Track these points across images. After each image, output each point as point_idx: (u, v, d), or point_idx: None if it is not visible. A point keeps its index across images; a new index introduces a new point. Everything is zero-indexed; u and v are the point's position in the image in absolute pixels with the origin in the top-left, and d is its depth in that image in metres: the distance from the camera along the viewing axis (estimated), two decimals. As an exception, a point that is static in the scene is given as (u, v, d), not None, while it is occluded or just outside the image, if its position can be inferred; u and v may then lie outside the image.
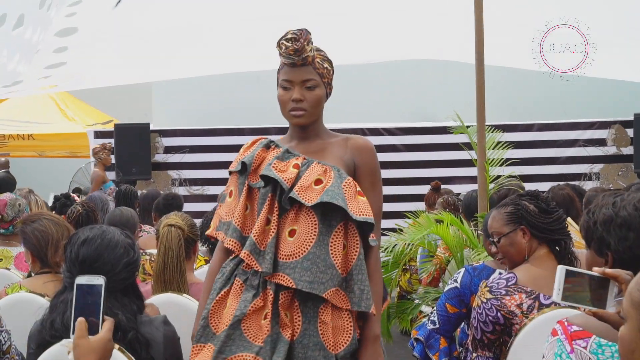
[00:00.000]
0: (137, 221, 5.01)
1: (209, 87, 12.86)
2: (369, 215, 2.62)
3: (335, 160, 2.75)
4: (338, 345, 2.58)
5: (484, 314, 2.98)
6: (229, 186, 2.82)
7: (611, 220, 2.15)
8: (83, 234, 2.46)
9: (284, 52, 2.70)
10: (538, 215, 3.12)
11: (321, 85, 2.75)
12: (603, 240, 2.16)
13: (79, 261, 2.41)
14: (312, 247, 2.59)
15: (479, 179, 5.28)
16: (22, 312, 3.10)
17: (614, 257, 2.14)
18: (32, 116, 12.22)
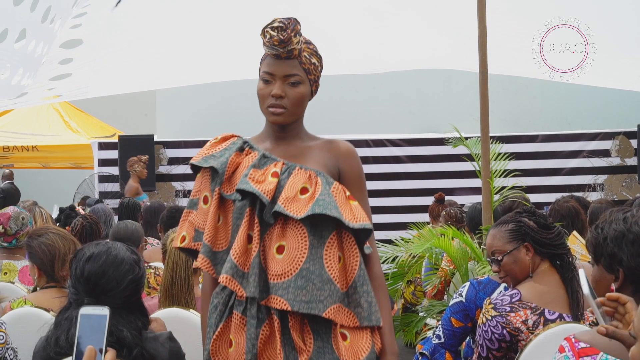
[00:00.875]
0: (142, 234, 5.00)
1: (213, 99, 12.88)
2: (365, 221, 2.39)
3: (318, 165, 2.49)
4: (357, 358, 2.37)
5: (489, 331, 2.96)
6: (201, 190, 2.52)
7: (623, 236, 2.15)
8: (88, 250, 2.46)
9: (268, 41, 2.44)
10: (540, 231, 3.11)
11: (306, 81, 2.49)
12: (614, 256, 2.15)
13: (84, 278, 2.41)
14: (305, 263, 2.35)
15: (484, 191, 5.28)
16: (27, 327, 3.09)
17: (626, 273, 2.14)
18: (36, 128, 12.26)
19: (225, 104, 12.94)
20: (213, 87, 12.38)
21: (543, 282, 3.05)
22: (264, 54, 2.52)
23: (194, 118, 12.93)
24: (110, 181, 10.58)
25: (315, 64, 2.51)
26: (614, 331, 1.86)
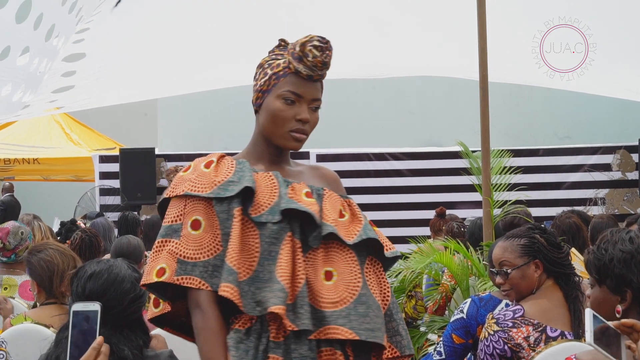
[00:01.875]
0: (143, 250, 5.00)
1: (214, 112, 12.90)
2: (394, 249, 2.28)
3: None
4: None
5: (491, 346, 2.96)
6: (185, 214, 2.21)
7: (632, 257, 2.14)
8: (90, 268, 2.46)
9: (311, 61, 2.23)
10: (551, 250, 3.11)
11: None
12: (623, 278, 2.14)
13: (85, 296, 2.40)
14: (362, 289, 2.17)
15: (484, 206, 5.27)
16: (27, 343, 3.09)
17: (634, 294, 2.13)
18: (37, 141, 12.27)
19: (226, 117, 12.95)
20: (214, 100, 12.40)
21: (546, 299, 3.04)
22: (282, 68, 2.29)
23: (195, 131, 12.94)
24: (111, 194, 10.59)
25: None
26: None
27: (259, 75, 2.33)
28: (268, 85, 2.29)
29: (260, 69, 2.34)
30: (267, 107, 2.30)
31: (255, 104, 2.35)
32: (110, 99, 9.36)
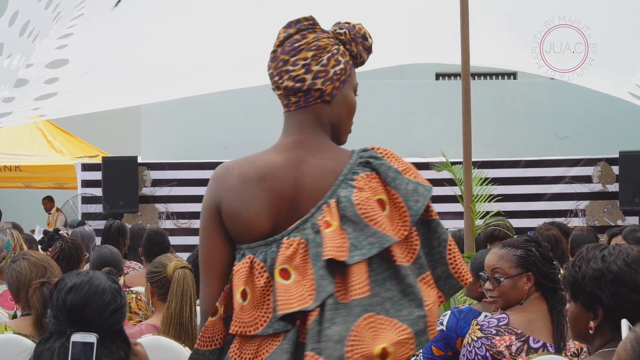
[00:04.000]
0: (119, 260, 4.97)
1: (197, 121, 12.89)
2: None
3: None
4: None
5: (473, 352, 2.99)
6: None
7: (602, 276, 2.16)
8: (70, 281, 2.45)
9: (370, 46, 2.16)
10: (545, 264, 3.14)
11: None
12: (594, 295, 2.17)
13: (66, 308, 2.40)
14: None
15: (466, 217, 5.31)
16: (7, 354, 3.08)
17: (605, 312, 2.16)
18: (19, 148, 12.23)
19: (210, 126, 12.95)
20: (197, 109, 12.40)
21: (532, 311, 3.08)
22: (349, 58, 2.15)
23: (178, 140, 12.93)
24: (93, 202, 10.55)
25: None
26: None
27: (327, 61, 2.11)
28: (345, 75, 2.14)
29: (327, 53, 2.12)
30: (345, 98, 2.16)
31: (330, 93, 2.13)
32: (93, 106, 9.34)
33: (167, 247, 5.64)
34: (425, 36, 7.82)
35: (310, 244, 2.00)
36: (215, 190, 2.09)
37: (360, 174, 2.07)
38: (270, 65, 2.13)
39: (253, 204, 2.05)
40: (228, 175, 2.08)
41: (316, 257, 1.98)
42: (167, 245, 5.74)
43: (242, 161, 2.12)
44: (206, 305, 2.09)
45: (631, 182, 9.80)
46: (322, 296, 1.94)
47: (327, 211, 2.02)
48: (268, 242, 2.04)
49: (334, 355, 1.91)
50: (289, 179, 2.07)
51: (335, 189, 2.05)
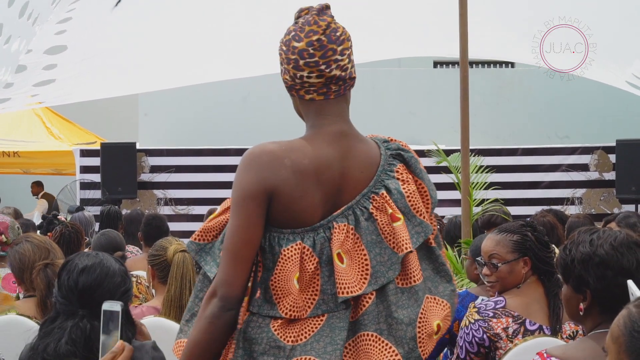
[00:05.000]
0: (124, 244, 5.02)
1: (195, 107, 12.91)
2: (192, 238, 2.25)
3: None
4: None
5: (470, 334, 3.04)
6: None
7: (589, 259, 2.20)
8: (81, 262, 2.48)
9: None
10: (541, 249, 3.18)
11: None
12: (582, 278, 2.21)
13: (78, 289, 2.44)
14: None
15: (463, 204, 5.35)
16: (11, 335, 3.12)
17: (593, 294, 2.20)
18: (18, 134, 12.23)
19: (208, 112, 12.98)
20: (195, 96, 12.42)
21: (528, 294, 3.12)
22: None
23: (175, 127, 12.95)
24: (91, 188, 10.58)
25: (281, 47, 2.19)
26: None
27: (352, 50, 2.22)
28: None
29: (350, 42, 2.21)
30: None
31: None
32: (92, 94, 9.35)
33: (166, 232, 5.68)
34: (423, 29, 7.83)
35: (362, 231, 2.10)
36: (266, 178, 2.06)
37: (397, 166, 2.19)
38: (315, 54, 2.11)
39: (311, 195, 2.09)
40: (279, 164, 2.07)
41: (372, 244, 2.10)
42: (165, 229, 5.78)
43: (286, 148, 2.11)
44: (232, 290, 2.05)
45: (628, 170, 9.85)
46: (382, 281, 2.09)
47: (382, 202, 2.13)
48: (315, 228, 2.09)
49: (407, 336, 2.09)
50: (339, 169, 2.13)
51: (379, 179, 2.15)
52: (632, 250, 2.21)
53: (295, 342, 2.06)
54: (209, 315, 2.05)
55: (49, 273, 3.33)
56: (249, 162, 2.08)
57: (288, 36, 2.15)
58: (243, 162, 2.09)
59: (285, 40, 2.15)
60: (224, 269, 2.05)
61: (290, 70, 2.14)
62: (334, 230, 2.08)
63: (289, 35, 2.14)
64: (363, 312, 2.08)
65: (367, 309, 2.08)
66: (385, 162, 2.18)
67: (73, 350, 2.37)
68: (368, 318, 2.08)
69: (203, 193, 10.16)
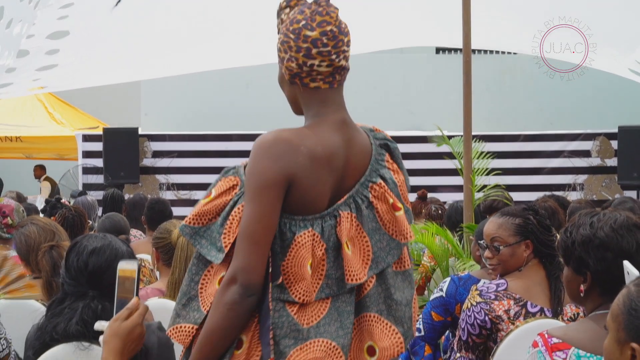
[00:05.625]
0: (128, 227, 5.05)
1: (198, 93, 12.92)
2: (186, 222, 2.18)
3: None
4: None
5: (472, 316, 3.06)
6: None
7: (589, 241, 2.22)
8: (90, 244, 2.51)
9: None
10: (543, 232, 3.20)
11: (280, 64, 2.23)
12: (582, 260, 2.23)
13: (88, 271, 2.46)
14: None
15: (465, 189, 5.36)
16: (16, 316, 3.15)
17: (593, 276, 2.22)
18: (20, 119, 12.25)
19: (210, 98, 12.98)
20: (197, 81, 12.42)
21: (530, 277, 3.15)
22: None
23: (178, 112, 12.96)
24: (94, 173, 10.61)
25: (280, 38, 2.20)
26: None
27: None
28: None
29: None
30: None
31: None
32: (94, 80, 9.36)
33: (169, 216, 5.70)
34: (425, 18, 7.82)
35: (363, 219, 2.17)
36: (286, 164, 2.09)
37: (386, 155, 2.26)
38: (329, 43, 2.15)
39: (323, 182, 2.13)
40: (296, 151, 2.10)
41: (372, 232, 2.18)
42: (169, 213, 5.80)
43: (300, 135, 2.14)
44: (254, 276, 2.07)
45: (630, 156, 9.86)
46: (382, 266, 2.19)
47: (382, 191, 2.20)
48: (323, 215, 2.14)
49: (405, 316, 2.21)
50: (344, 157, 2.18)
51: (374, 168, 2.22)
52: (631, 232, 2.23)
53: (309, 325, 2.12)
54: (229, 302, 2.06)
55: (54, 255, 3.35)
56: (266, 149, 2.10)
57: (297, 25, 2.16)
58: (260, 149, 2.10)
59: (293, 29, 2.16)
60: (245, 256, 2.07)
61: (300, 58, 2.15)
62: (340, 219, 2.14)
63: (299, 24, 2.16)
64: (365, 294, 2.17)
65: (369, 291, 2.17)
66: (376, 151, 2.24)
67: (83, 331, 2.40)
68: (370, 300, 2.17)
69: (205, 178, 10.17)
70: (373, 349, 2.18)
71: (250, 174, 2.10)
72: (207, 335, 2.09)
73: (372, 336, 2.17)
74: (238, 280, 2.06)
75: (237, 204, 2.13)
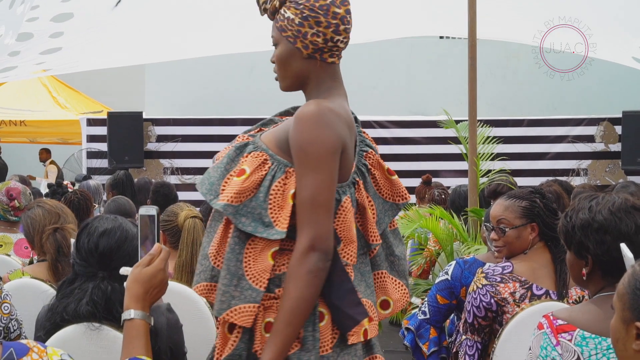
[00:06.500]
0: (134, 211, 5.07)
1: (202, 77, 12.91)
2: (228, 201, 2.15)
3: (270, 135, 2.26)
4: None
5: (478, 298, 3.08)
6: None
7: (588, 225, 2.24)
8: (101, 225, 2.53)
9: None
10: (549, 215, 3.21)
11: (282, 40, 2.26)
12: (582, 244, 2.26)
13: (98, 252, 2.48)
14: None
15: (470, 173, 5.38)
16: (25, 298, 3.17)
17: (594, 259, 2.24)
18: (24, 104, 12.26)
19: (214, 82, 12.97)
20: (202, 65, 12.41)
21: (535, 260, 3.17)
22: None
23: (182, 96, 12.95)
24: (98, 157, 10.62)
25: (290, 18, 2.24)
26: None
27: None
28: None
29: None
30: None
31: None
32: (98, 63, 9.35)
33: (174, 199, 5.72)
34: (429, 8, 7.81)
35: (368, 185, 2.30)
36: (339, 131, 2.18)
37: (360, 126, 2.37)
38: (350, 21, 2.28)
39: (351, 149, 2.26)
40: (340, 121, 2.20)
41: (373, 196, 2.31)
42: (174, 196, 5.82)
43: (333, 106, 2.21)
44: (330, 241, 2.14)
45: (634, 141, 9.85)
46: (382, 227, 2.33)
47: (375, 159, 2.33)
48: (349, 183, 2.24)
49: (405, 270, 2.39)
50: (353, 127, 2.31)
51: (361, 138, 2.33)
52: (630, 215, 2.24)
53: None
54: (313, 269, 2.11)
55: (58, 237, 3.38)
56: (317, 119, 2.15)
57: (324, 1, 2.23)
58: (310, 120, 2.15)
59: (320, 5, 2.23)
60: (320, 223, 2.12)
61: (328, 34, 2.24)
62: (357, 186, 2.26)
63: (325, 0, 2.24)
64: (375, 254, 2.33)
65: (378, 250, 2.33)
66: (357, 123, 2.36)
67: (93, 311, 2.42)
68: (380, 258, 2.34)
69: (209, 163, 10.10)
70: (387, 303, 2.34)
71: (309, 143, 2.14)
72: (294, 306, 2.10)
73: (386, 291, 2.33)
74: (316, 247, 2.11)
75: (275, 178, 2.17)
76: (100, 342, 2.41)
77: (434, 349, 3.51)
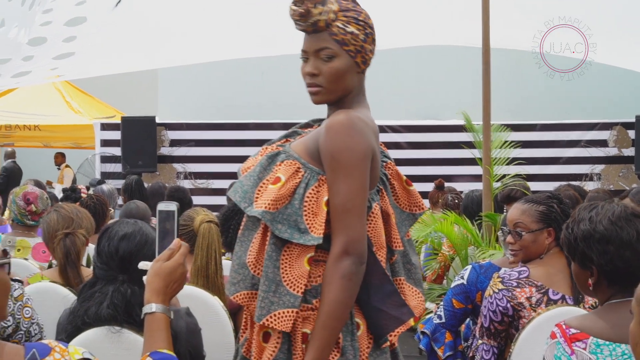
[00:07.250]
0: (150, 215, 5.09)
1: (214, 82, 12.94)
2: (266, 208, 2.17)
3: (299, 144, 2.29)
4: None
5: (494, 303, 3.09)
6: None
7: (590, 236, 2.23)
8: (121, 229, 2.55)
9: (292, 16, 2.26)
10: (566, 220, 3.21)
11: (342, 54, 2.25)
12: (585, 255, 2.25)
13: (118, 256, 2.51)
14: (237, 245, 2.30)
15: (484, 178, 5.38)
16: (45, 302, 3.20)
17: (598, 270, 2.24)
18: (38, 108, 12.33)
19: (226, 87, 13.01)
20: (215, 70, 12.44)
21: (551, 265, 3.17)
22: None
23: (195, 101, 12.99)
24: (112, 161, 10.68)
25: (354, 33, 2.25)
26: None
27: None
28: None
29: None
30: None
31: None
32: (111, 68, 9.39)
33: (188, 203, 5.74)
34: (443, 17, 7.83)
35: (388, 193, 2.35)
36: (370, 139, 2.25)
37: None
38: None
39: (378, 156, 2.32)
40: (370, 130, 2.27)
41: (393, 206, 2.37)
42: (188, 201, 5.85)
43: (363, 116, 2.28)
44: (364, 245, 2.20)
45: (647, 146, 9.83)
46: (401, 235, 2.37)
47: (394, 169, 2.39)
48: (375, 191, 2.31)
49: (420, 278, 2.43)
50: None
51: (380, 149, 2.36)
52: (630, 222, 2.23)
53: None
54: (348, 273, 2.17)
55: (68, 243, 3.41)
56: (349, 127, 2.22)
57: (362, 16, 2.31)
58: (342, 128, 2.21)
59: (361, 20, 2.29)
60: (353, 228, 2.19)
61: (374, 47, 2.34)
62: (381, 194, 2.33)
63: (364, 15, 2.32)
64: (394, 260, 2.36)
65: (397, 258, 2.36)
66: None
67: (114, 314, 2.45)
68: (398, 265, 2.37)
69: (222, 167, 10.23)
70: None
71: (342, 150, 2.19)
72: (332, 311, 2.16)
73: (407, 299, 2.35)
74: (350, 252, 2.17)
75: (309, 185, 2.22)
76: (122, 345, 2.43)
77: (449, 353, 3.52)
